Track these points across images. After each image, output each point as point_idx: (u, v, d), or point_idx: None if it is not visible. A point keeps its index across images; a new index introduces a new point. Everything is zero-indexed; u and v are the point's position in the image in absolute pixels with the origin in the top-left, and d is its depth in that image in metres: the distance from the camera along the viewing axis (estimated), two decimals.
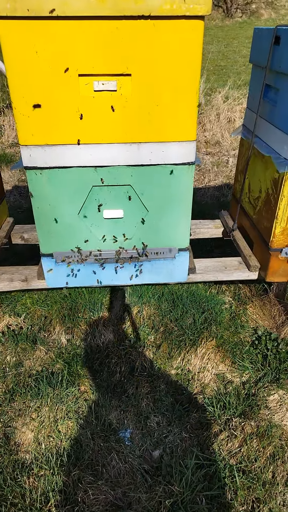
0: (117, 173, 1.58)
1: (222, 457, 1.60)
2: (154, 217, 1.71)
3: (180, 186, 1.63)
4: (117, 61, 1.35)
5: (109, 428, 1.70)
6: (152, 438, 1.66)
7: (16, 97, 1.39)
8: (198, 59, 1.36)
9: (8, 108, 5.63)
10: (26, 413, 1.75)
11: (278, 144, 1.70)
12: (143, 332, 2.18)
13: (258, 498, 1.48)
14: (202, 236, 2.41)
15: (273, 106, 1.74)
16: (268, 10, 15.32)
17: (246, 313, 2.33)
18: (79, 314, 2.29)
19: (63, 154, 1.52)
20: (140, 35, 1.31)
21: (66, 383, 1.87)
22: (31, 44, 1.30)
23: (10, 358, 2.03)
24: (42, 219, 1.68)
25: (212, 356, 2.04)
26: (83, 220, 1.70)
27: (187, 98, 1.43)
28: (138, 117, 1.46)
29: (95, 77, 1.38)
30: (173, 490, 1.46)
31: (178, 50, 1.34)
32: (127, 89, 1.41)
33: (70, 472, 1.53)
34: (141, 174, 1.59)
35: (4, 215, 2.36)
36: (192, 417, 1.75)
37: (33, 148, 1.50)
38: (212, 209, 3.39)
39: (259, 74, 1.88)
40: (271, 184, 1.78)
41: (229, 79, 6.63)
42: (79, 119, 1.45)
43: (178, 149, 1.54)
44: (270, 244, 1.84)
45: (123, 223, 1.73)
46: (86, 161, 1.55)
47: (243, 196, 2.18)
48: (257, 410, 1.76)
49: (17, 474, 1.54)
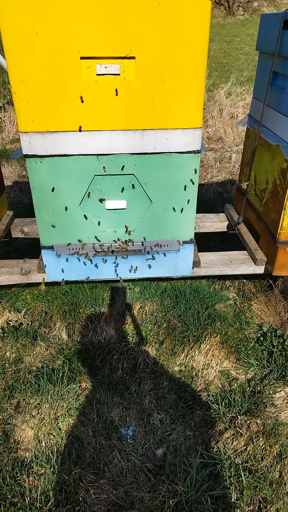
0: (120, 161, 1.53)
1: (227, 456, 1.55)
2: (158, 208, 1.66)
3: (185, 176, 1.58)
4: (121, 42, 1.30)
5: (111, 426, 1.65)
6: (155, 436, 1.62)
7: (15, 81, 1.34)
8: (205, 41, 1.30)
9: (9, 104, 5.58)
10: (26, 410, 1.70)
11: (286, 132, 1.65)
12: (146, 328, 2.13)
13: (265, 498, 1.43)
14: (207, 230, 2.35)
15: (281, 93, 1.69)
16: (270, 7, 15.26)
17: (250, 309, 2.28)
18: (80, 309, 2.24)
19: (64, 142, 1.47)
20: (145, 15, 1.26)
21: (67, 379, 1.82)
22: (31, 24, 1.25)
23: (10, 354, 1.98)
24: (42, 209, 1.62)
25: (217, 352, 1.99)
26: (84, 211, 1.65)
27: (194, 82, 1.38)
28: (142, 103, 1.41)
29: (97, 60, 1.33)
30: (177, 490, 1.42)
31: (184, 31, 1.29)
32: (130, 72, 1.35)
33: (71, 471, 1.49)
34: (145, 162, 1.53)
35: (4, 208, 2.31)
36: (196, 414, 1.70)
37: (33, 135, 1.45)
38: (215, 205, 3.34)
39: (266, 61, 1.83)
40: (279, 174, 1.73)
41: (231, 75, 6.57)
42: (81, 104, 1.39)
43: (183, 137, 1.49)
44: (277, 237, 1.79)
45: (126, 214, 1.67)
46: (88, 149, 1.50)
47: (249, 189, 2.12)
48: (263, 408, 1.71)
49: (16, 472, 1.49)
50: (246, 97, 5.25)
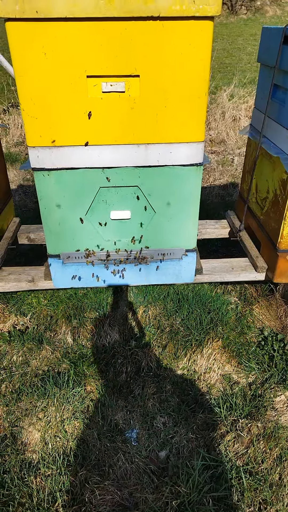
0: (125, 174, 1.58)
1: (228, 458, 1.60)
2: (161, 218, 1.71)
3: (188, 188, 1.63)
4: (126, 62, 1.35)
5: (116, 429, 1.70)
6: (159, 439, 1.67)
7: (24, 99, 1.39)
8: (207, 60, 1.35)
9: (14, 107, 5.63)
10: (33, 413, 1.76)
11: (286, 145, 1.69)
12: (149, 332, 2.18)
13: (265, 499, 1.48)
14: (209, 237, 2.40)
15: (282, 106, 1.73)
16: (273, 7, 15.20)
17: (252, 313, 2.32)
18: (84, 314, 2.29)
19: (71, 156, 1.52)
20: (149, 36, 1.30)
21: (73, 383, 1.87)
22: (39, 45, 1.30)
23: (17, 358, 2.03)
24: (49, 220, 1.68)
25: (218, 356, 2.04)
26: (90, 221, 1.70)
27: (196, 99, 1.43)
28: (146, 118, 1.46)
29: (103, 78, 1.38)
30: (180, 491, 1.47)
31: (187, 51, 1.33)
32: (135, 90, 1.40)
33: (77, 472, 1.54)
34: (149, 175, 1.58)
35: (10, 215, 2.37)
36: (198, 417, 1.75)
37: (40, 150, 1.50)
38: (218, 209, 3.38)
39: (267, 73, 1.87)
40: (279, 185, 1.77)
41: (234, 77, 6.60)
42: (87, 120, 1.44)
43: (186, 150, 1.54)
44: (278, 245, 1.83)
45: (130, 224, 1.72)
46: (93, 162, 1.55)
47: (250, 197, 2.17)
48: (264, 411, 1.76)
49: (24, 473, 1.55)
50: (248, 100, 5.28)
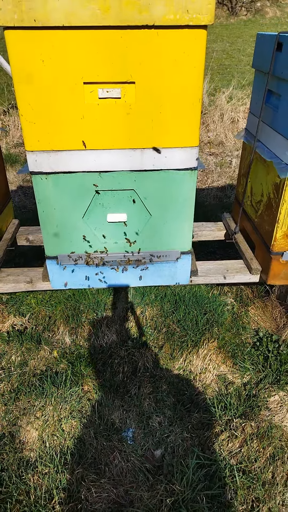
0: (121, 178, 1.61)
1: (222, 457, 1.63)
2: (157, 221, 1.74)
3: (183, 191, 1.66)
4: (121, 69, 1.38)
5: (112, 428, 1.73)
6: (154, 438, 1.70)
7: (22, 105, 1.42)
8: (200, 68, 1.38)
9: (14, 108, 5.66)
10: (31, 412, 1.79)
11: (279, 150, 1.72)
12: (146, 332, 2.21)
13: (258, 497, 1.51)
14: (205, 239, 2.43)
15: (275, 111, 1.76)
16: (273, 8, 15.24)
17: (247, 314, 2.35)
18: (82, 314, 2.32)
19: (68, 160, 1.55)
20: (144, 44, 1.33)
21: (70, 382, 1.90)
22: (37, 53, 1.33)
23: (15, 358, 2.06)
24: (47, 222, 1.71)
25: (214, 357, 2.07)
26: (87, 224, 1.73)
27: (190, 105, 1.46)
28: (141, 124, 1.49)
29: (99, 85, 1.41)
30: (174, 489, 1.50)
31: (181, 59, 1.36)
32: (131, 96, 1.43)
33: (74, 470, 1.57)
34: (144, 179, 1.61)
35: (10, 217, 2.40)
36: (193, 417, 1.78)
37: (38, 154, 1.54)
38: (216, 210, 3.41)
39: (261, 79, 1.90)
40: (272, 189, 1.80)
41: (233, 78, 6.63)
42: (84, 125, 1.48)
43: (181, 155, 1.57)
44: (271, 248, 1.86)
45: (126, 226, 1.75)
46: (90, 166, 1.58)
47: (246, 199, 2.20)
48: (258, 411, 1.79)
49: (22, 471, 1.58)
50: (246, 102, 5.31)
